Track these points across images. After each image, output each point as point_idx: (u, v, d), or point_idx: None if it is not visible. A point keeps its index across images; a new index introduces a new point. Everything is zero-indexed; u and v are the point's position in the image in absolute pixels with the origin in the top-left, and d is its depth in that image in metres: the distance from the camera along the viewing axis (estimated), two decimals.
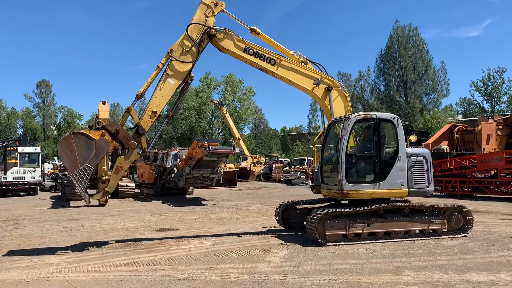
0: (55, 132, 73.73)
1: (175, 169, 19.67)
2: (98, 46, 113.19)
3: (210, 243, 8.84)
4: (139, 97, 8.90)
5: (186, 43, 9.15)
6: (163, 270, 6.70)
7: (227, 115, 45.11)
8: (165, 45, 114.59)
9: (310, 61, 10.36)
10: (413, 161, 8.87)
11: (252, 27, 10.07)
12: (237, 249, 8.19)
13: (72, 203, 18.66)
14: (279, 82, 10.18)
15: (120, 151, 8.75)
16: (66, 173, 23.70)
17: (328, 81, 10.10)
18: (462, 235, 8.94)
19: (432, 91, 48.73)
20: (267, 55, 9.81)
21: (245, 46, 9.68)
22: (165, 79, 8.95)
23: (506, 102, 46.54)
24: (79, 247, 8.72)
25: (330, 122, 9.70)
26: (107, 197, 17.57)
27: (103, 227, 11.50)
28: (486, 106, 48.55)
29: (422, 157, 9.01)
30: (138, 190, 24.60)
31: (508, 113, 30.51)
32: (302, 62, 10.24)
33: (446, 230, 8.94)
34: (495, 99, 46.89)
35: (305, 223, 8.93)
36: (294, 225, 10.19)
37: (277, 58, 9.87)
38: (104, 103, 17.14)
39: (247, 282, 5.92)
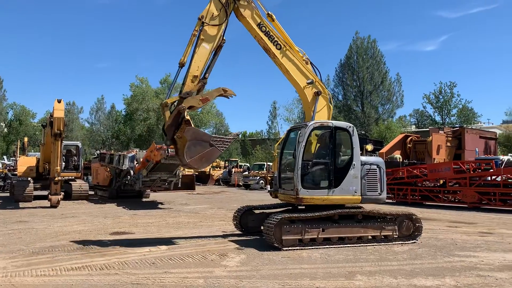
0: (5, 129, 70.21)
1: (132, 172, 19.27)
2: (54, 42, 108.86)
3: (165, 247, 8.74)
4: (182, 65, 9.31)
5: (214, 7, 9.45)
6: (116, 274, 6.57)
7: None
8: (128, 44, 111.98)
9: (311, 62, 10.59)
10: (367, 169, 9.16)
11: (269, 13, 10.34)
12: (193, 253, 8.16)
13: (21, 204, 17.89)
14: (242, 88, 10.28)
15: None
16: (16, 172, 22.67)
17: (320, 87, 10.34)
18: (412, 241, 9.29)
19: (387, 102, 50.62)
20: (276, 38, 10.11)
21: (260, 21, 10.01)
22: (200, 44, 9.29)
23: (455, 115, 49.04)
24: (28, 250, 8.39)
25: (289, 128, 9.87)
26: (59, 199, 16.98)
27: (54, 230, 11.11)
28: (437, 118, 50.98)
29: (376, 166, 9.32)
30: (92, 192, 23.94)
31: (457, 126, 32.10)
32: (304, 60, 10.47)
33: (397, 236, 9.27)
34: (446, 111, 49.29)
35: (262, 227, 9.02)
36: (252, 230, 10.24)
37: (284, 45, 10.17)
38: (59, 101, 16.54)
39: (202, 287, 5.91)
